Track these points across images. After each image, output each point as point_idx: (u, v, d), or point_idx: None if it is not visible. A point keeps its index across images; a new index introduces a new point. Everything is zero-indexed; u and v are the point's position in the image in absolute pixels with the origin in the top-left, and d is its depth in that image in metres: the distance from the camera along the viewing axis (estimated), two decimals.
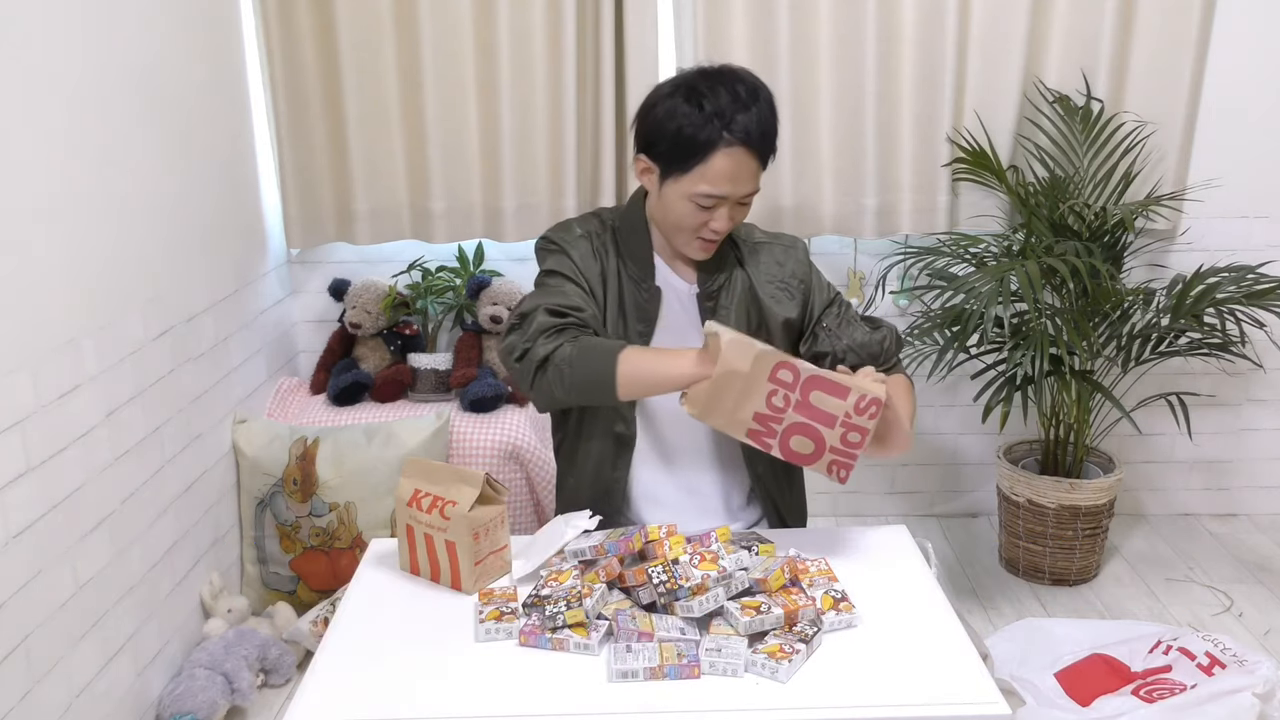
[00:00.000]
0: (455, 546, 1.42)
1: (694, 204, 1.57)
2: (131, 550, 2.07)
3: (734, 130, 1.53)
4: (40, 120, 1.80)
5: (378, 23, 2.73)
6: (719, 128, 1.53)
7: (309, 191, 2.85)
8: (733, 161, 1.54)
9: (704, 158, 1.54)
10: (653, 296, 1.67)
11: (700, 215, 1.58)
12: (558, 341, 1.53)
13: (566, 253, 1.66)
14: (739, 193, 1.57)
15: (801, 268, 1.75)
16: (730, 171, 1.55)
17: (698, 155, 1.55)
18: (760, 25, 2.75)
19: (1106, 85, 2.81)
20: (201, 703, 2.14)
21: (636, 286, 1.67)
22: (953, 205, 2.91)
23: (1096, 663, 2.32)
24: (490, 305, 2.86)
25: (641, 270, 1.67)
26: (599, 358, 1.50)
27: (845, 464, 1.41)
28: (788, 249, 1.77)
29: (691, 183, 1.56)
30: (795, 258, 1.76)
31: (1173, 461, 3.22)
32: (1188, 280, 2.61)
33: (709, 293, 1.69)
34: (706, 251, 1.64)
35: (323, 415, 2.72)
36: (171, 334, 2.24)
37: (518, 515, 2.68)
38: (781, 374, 1.39)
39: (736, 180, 1.56)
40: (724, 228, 1.59)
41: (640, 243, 1.69)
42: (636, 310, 1.67)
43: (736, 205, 1.60)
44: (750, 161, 1.56)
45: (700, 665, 1.23)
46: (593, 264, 1.66)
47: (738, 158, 1.54)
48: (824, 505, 3.24)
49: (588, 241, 1.68)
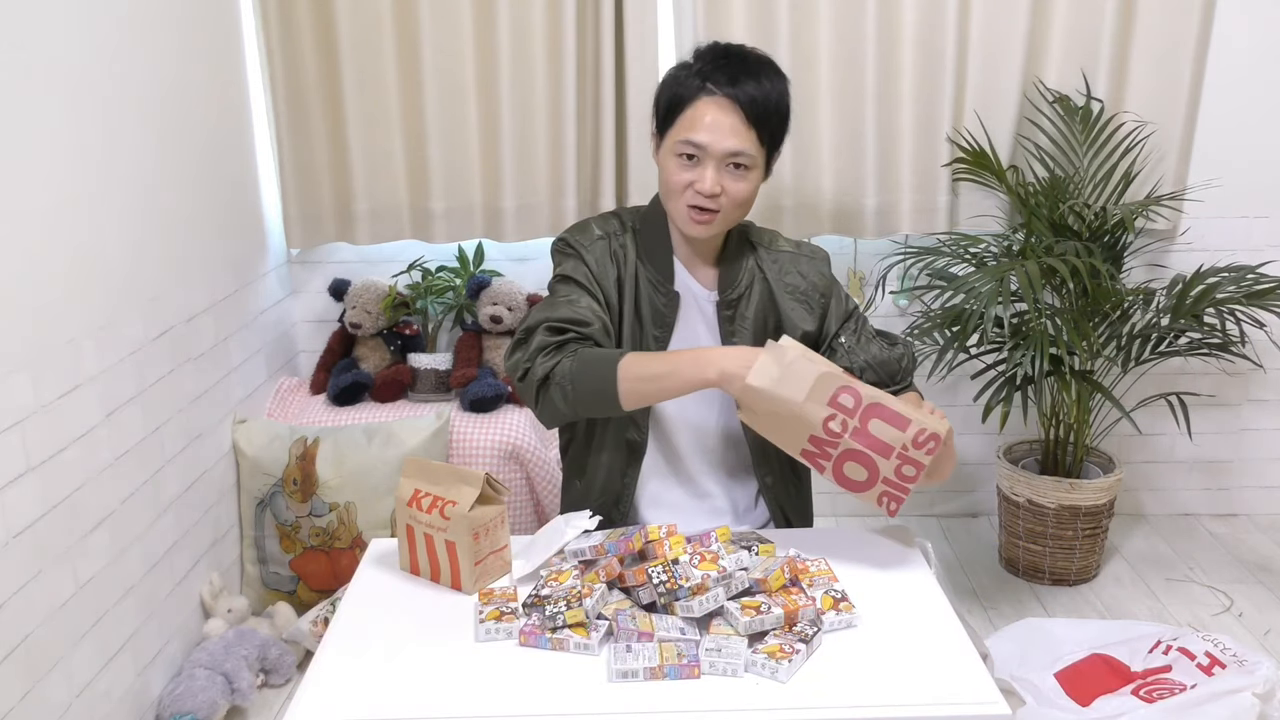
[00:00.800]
0: (455, 546, 1.42)
1: (676, 159, 1.56)
2: (131, 550, 2.07)
3: (715, 81, 1.54)
4: (40, 120, 1.80)
5: (378, 23, 2.73)
6: (701, 80, 1.55)
7: (309, 191, 2.85)
8: (709, 108, 1.53)
9: (683, 109, 1.55)
10: (671, 301, 1.65)
11: (684, 173, 1.56)
12: (557, 358, 1.53)
13: (581, 257, 1.64)
14: (719, 144, 1.53)
15: (824, 281, 1.73)
16: (712, 119, 1.53)
17: (679, 107, 1.56)
18: (760, 25, 2.75)
19: (1106, 85, 2.81)
20: (201, 703, 2.14)
21: (655, 290, 1.65)
22: (953, 205, 2.91)
23: (1096, 663, 2.32)
24: (490, 305, 2.86)
25: (661, 274, 1.65)
26: (598, 370, 1.50)
27: (897, 496, 1.41)
28: (811, 260, 1.74)
29: (674, 135, 1.56)
30: (818, 270, 1.73)
31: (1173, 461, 3.22)
32: (1188, 280, 2.61)
33: (728, 301, 1.66)
34: (698, 224, 1.58)
35: (323, 415, 2.72)
36: (171, 334, 2.24)
37: (518, 515, 2.68)
38: (843, 398, 1.38)
39: (715, 130, 1.53)
40: (709, 188, 1.54)
41: (661, 245, 1.66)
42: (654, 315, 1.65)
43: (728, 171, 1.55)
44: (731, 114, 1.53)
45: (700, 665, 1.23)
46: (609, 268, 1.64)
47: (716, 105, 1.53)
48: (824, 505, 3.22)
49: (605, 243, 1.65)
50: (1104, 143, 2.78)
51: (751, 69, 1.56)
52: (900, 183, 2.88)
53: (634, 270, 1.65)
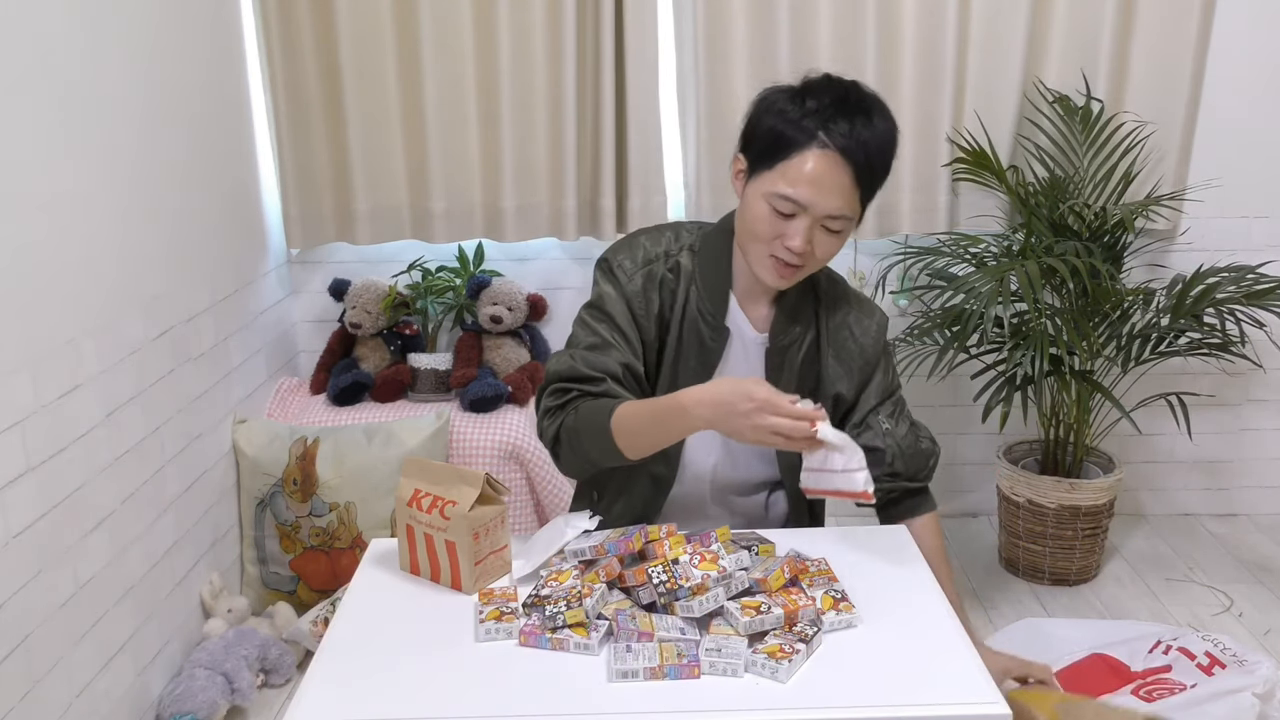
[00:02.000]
0: (455, 546, 1.41)
1: (770, 206, 1.43)
2: (131, 550, 2.07)
3: (830, 132, 1.40)
4: (40, 120, 1.80)
5: (378, 23, 2.73)
6: (814, 126, 1.40)
7: (309, 191, 2.85)
8: (820, 164, 1.40)
9: (790, 154, 1.41)
10: (719, 336, 1.54)
11: (775, 223, 1.44)
12: (561, 417, 1.50)
13: (622, 287, 1.54)
14: (821, 204, 1.41)
15: (875, 348, 1.62)
16: (814, 174, 1.40)
17: (785, 150, 1.41)
18: (760, 25, 2.75)
19: (1106, 85, 2.81)
20: (201, 703, 2.14)
21: (703, 322, 1.54)
22: (953, 205, 2.91)
23: (1096, 663, 2.32)
24: (490, 305, 2.86)
25: (715, 306, 1.54)
26: (596, 426, 1.44)
27: None
28: (867, 320, 1.62)
29: (772, 180, 1.43)
30: (871, 335, 1.62)
31: (1173, 461, 3.22)
32: (1188, 280, 2.61)
33: (779, 347, 1.56)
34: (779, 276, 1.48)
35: (323, 415, 2.72)
36: (171, 334, 2.24)
37: (518, 515, 2.68)
38: None
39: (820, 187, 1.40)
40: (799, 248, 1.43)
41: (720, 275, 1.55)
42: (698, 349, 1.55)
43: (821, 229, 1.44)
44: (841, 173, 1.41)
45: (700, 665, 1.23)
46: (653, 298, 1.53)
47: (827, 162, 1.40)
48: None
49: (653, 268, 1.54)
50: (1104, 143, 2.78)
51: (869, 116, 1.42)
52: (900, 183, 2.88)
53: (685, 297, 1.54)
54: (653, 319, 1.55)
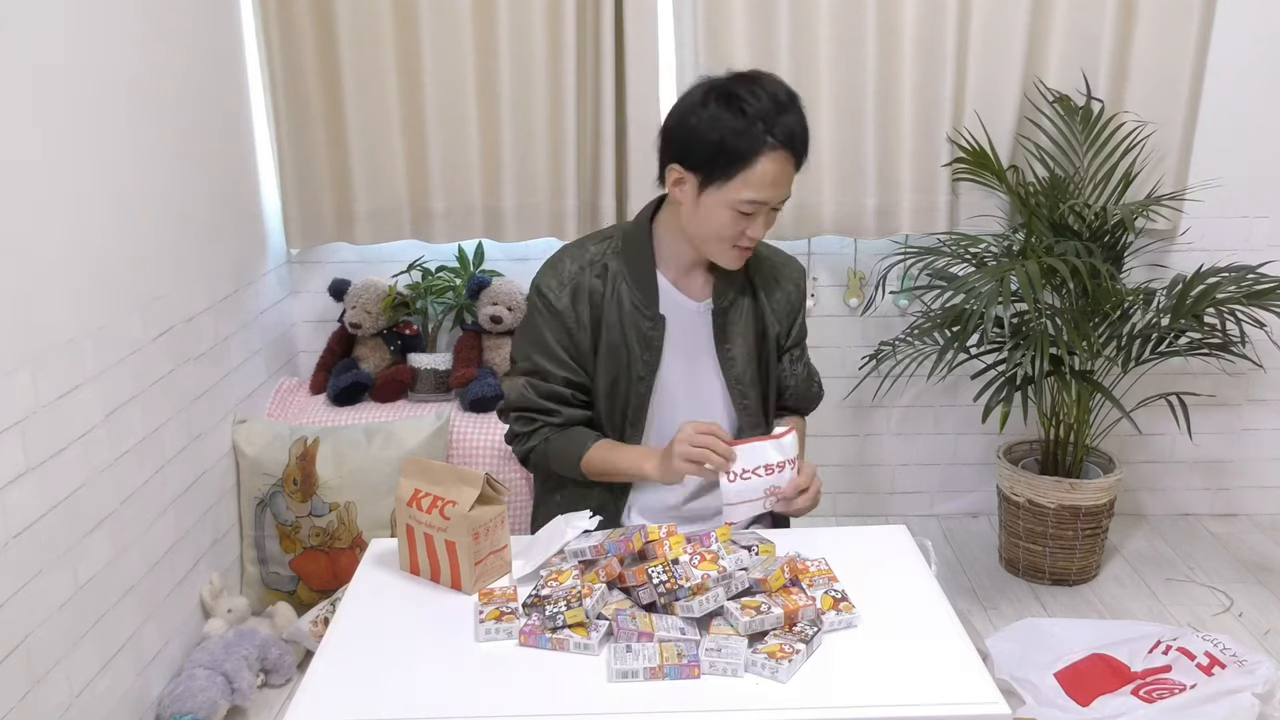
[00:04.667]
0: (455, 547, 1.41)
1: (735, 211, 1.55)
2: (131, 550, 2.07)
3: (777, 134, 1.51)
4: (40, 120, 1.80)
5: (378, 23, 2.73)
6: (763, 132, 1.51)
7: (309, 191, 2.85)
8: (776, 166, 1.53)
9: (748, 163, 1.52)
10: (656, 324, 1.67)
11: (740, 223, 1.56)
12: (530, 443, 1.72)
13: (552, 311, 1.66)
14: (780, 197, 1.57)
15: (799, 295, 1.81)
16: (774, 176, 1.53)
17: (742, 161, 1.52)
18: (760, 25, 2.75)
19: (1106, 85, 2.81)
20: (201, 703, 2.14)
21: (640, 315, 1.66)
22: (953, 205, 2.91)
23: (1096, 663, 2.32)
24: (490, 305, 2.86)
25: (646, 298, 1.66)
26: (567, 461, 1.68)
27: None
28: (792, 269, 1.81)
29: (735, 190, 1.53)
30: (796, 282, 1.80)
31: (1173, 461, 3.22)
32: (1188, 280, 2.61)
33: (722, 308, 1.69)
34: (742, 260, 1.63)
35: (323, 415, 2.72)
36: (171, 334, 2.24)
37: (518, 515, 2.68)
38: None
39: (779, 184, 1.55)
40: (760, 234, 1.59)
41: (644, 267, 1.67)
42: (641, 339, 1.67)
43: (771, 211, 1.59)
44: (790, 166, 1.55)
45: (700, 665, 1.23)
46: (582, 310, 1.66)
47: (781, 161, 1.53)
48: (824, 505, 3.23)
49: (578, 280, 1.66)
50: (1104, 143, 2.78)
51: (798, 112, 1.56)
52: (900, 183, 2.88)
53: (616, 295, 1.66)
54: (586, 328, 1.67)
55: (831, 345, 3.07)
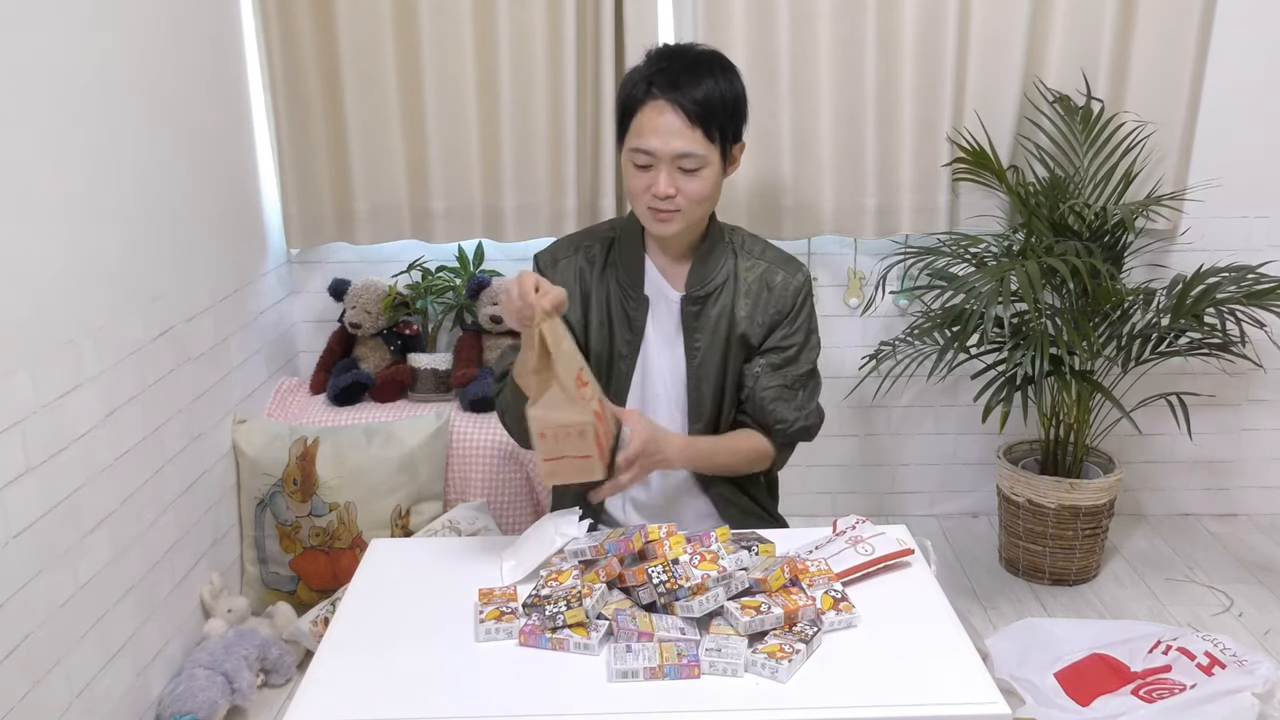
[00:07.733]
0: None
1: (633, 164, 1.62)
2: (131, 550, 2.07)
3: (656, 84, 1.58)
4: (40, 120, 1.80)
5: (378, 23, 2.73)
6: (643, 80, 1.60)
7: (309, 191, 2.85)
8: (654, 114, 1.58)
9: (634, 115, 1.61)
10: (639, 305, 1.72)
11: (641, 178, 1.62)
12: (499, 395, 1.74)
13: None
14: (667, 149, 1.58)
15: (789, 301, 1.73)
16: (654, 125, 1.58)
17: (630, 114, 1.61)
18: (760, 25, 2.75)
19: (1106, 85, 2.81)
20: (201, 703, 2.14)
21: (625, 296, 1.73)
22: (953, 205, 2.91)
23: (1096, 663, 2.32)
24: (490, 305, 2.86)
25: (631, 279, 1.73)
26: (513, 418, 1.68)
27: None
28: (789, 276, 1.74)
29: (629, 143, 1.62)
30: (790, 288, 1.73)
31: (1173, 461, 3.22)
32: (1188, 280, 2.61)
33: (693, 298, 1.72)
34: (659, 222, 1.65)
35: (323, 415, 2.72)
36: (171, 334, 2.24)
37: (517, 515, 2.68)
38: None
39: (662, 134, 1.57)
40: (663, 190, 1.59)
41: (633, 251, 1.73)
42: (624, 319, 1.73)
43: (679, 172, 1.60)
44: (676, 118, 1.57)
45: (700, 665, 1.23)
46: (574, 288, 1.74)
47: (660, 109, 1.58)
48: (824, 505, 3.24)
49: (572, 260, 1.75)
50: (1104, 143, 2.78)
51: (694, 67, 1.59)
52: (900, 183, 2.88)
53: (607, 279, 1.74)
54: (577, 303, 1.74)
55: (831, 345, 3.06)
